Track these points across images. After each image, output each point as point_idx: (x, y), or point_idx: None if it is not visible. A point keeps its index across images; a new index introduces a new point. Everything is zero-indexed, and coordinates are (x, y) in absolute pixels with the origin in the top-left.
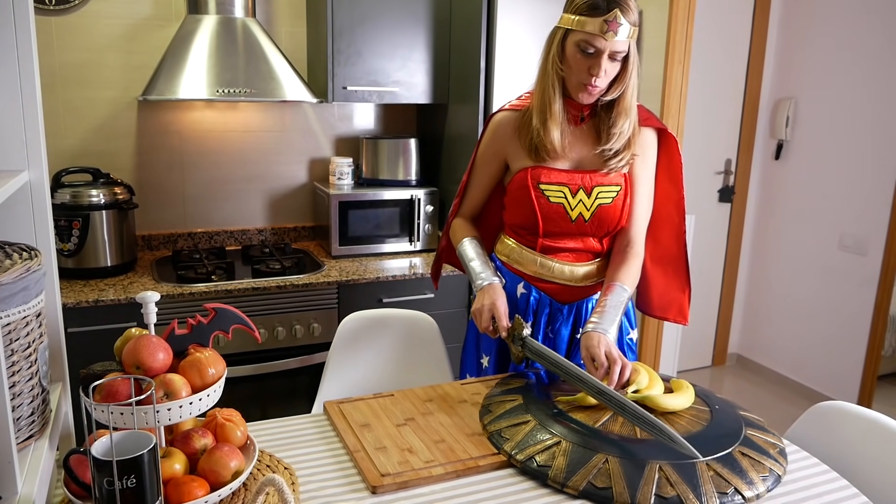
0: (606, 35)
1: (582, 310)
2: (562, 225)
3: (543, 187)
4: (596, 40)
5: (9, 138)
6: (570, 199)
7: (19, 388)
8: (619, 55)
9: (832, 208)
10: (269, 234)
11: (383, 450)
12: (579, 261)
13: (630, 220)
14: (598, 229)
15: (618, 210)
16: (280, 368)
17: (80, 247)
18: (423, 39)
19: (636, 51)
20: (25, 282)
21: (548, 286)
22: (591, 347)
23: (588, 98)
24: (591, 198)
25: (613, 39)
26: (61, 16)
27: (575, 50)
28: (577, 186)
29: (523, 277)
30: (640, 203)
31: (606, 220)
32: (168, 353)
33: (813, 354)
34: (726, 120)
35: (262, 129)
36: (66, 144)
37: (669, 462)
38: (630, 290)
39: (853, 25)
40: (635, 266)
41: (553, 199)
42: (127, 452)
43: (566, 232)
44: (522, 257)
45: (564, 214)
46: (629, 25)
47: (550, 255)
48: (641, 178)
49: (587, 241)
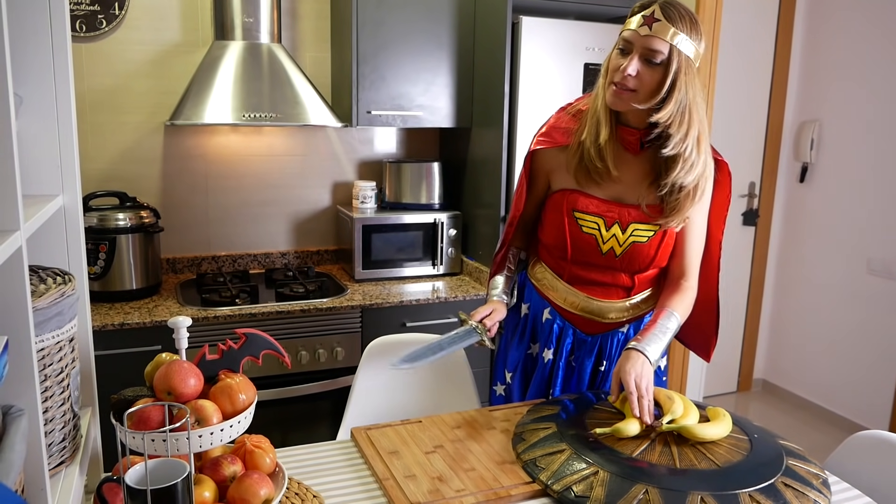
0: (640, 28)
1: (607, 343)
2: (591, 256)
3: (578, 215)
4: (629, 34)
5: (44, 162)
6: (604, 233)
7: (51, 413)
8: (656, 57)
9: (859, 231)
10: (292, 257)
11: (413, 478)
12: (608, 297)
13: (682, 256)
14: (629, 266)
15: (652, 249)
16: (303, 393)
17: (106, 270)
18: (447, 63)
19: (692, 81)
20: (60, 307)
21: (574, 317)
22: (623, 372)
23: (615, 101)
24: (625, 234)
25: (647, 33)
26: (91, 42)
27: (616, 52)
28: (613, 220)
29: (551, 304)
30: (692, 238)
31: (638, 258)
32: (199, 379)
33: (841, 380)
34: (750, 142)
35: (286, 153)
36: (94, 168)
37: (711, 493)
38: (680, 319)
39: (877, 47)
40: (688, 298)
41: (586, 229)
42: (160, 480)
43: (595, 263)
44: (553, 286)
45: (595, 246)
46: (670, 27)
47: (579, 287)
48: (695, 214)
49: (617, 276)
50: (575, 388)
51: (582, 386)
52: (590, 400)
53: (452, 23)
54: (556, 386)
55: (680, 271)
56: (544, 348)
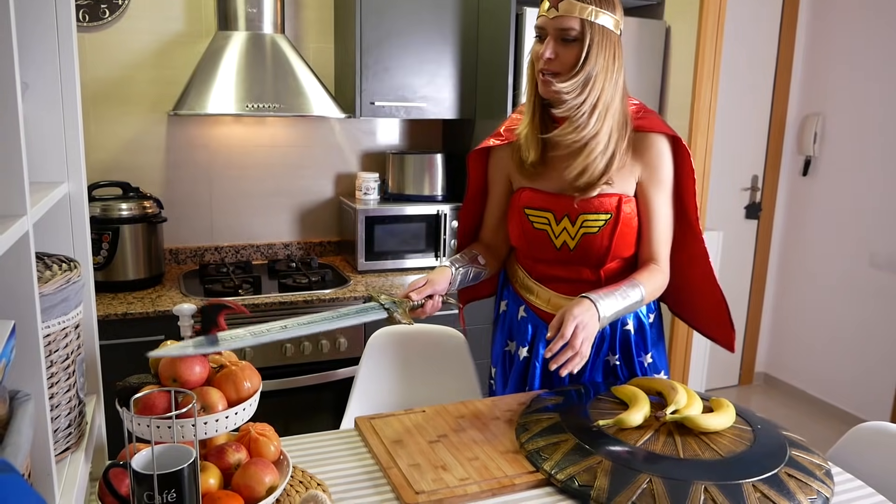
0: (549, 12)
1: None
2: (546, 252)
3: (528, 212)
4: (541, 20)
5: (50, 150)
6: (554, 227)
7: (57, 399)
8: (569, 33)
9: (862, 225)
10: (295, 248)
11: (417, 467)
12: (576, 293)
13: (649, 241)
14: (586, 259)
15: (605, 240)
16: (305, 384)
17: (110, 260)
18: (451, 55)
19: (606, 51)
20: (66, 293)
21: (548, 315)
22: (570, 314)
23: (545, 91)
24: (575, 226)
25: (555, 15)
26: (94, 32)
27: (535, 42)
28: (563, 213)
29: (525, 302)
30: (657, 223)
31: (592, 249)
32: (204, 367)
33: (842, 374)
34: (753, 135)
35: (290, 143)
36: (97, 158)
37: (715, 483)
38: (644, 294)
39: (880, 41)
40: (658, 278)
41: (537, 225)
42: (166, 466)
43: (552, 259)
44: (526, 284)
45: (548, 242)
46: (577, 3)
47: (547, 285)
48: (654, 197)
49: (580, 271)
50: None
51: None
52: (593, 390)
53: (456, 14)
54: (535, 386)
55: (648, 256)
56: (520, 346)
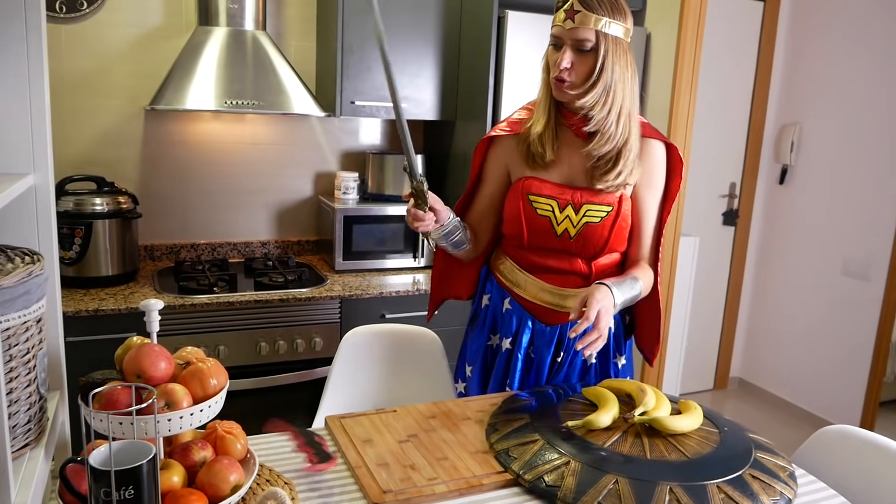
0: (565, 23)
1: (566, 333)
2: (546, 239)
3: (532, 198)
4: (557, 30)
5: (15, 141)
6: (558, 214)
7: (16, 394)
8: (585, 44)
9: (836, 233)
10: (272, 246)
11: (385, 466)
12: (566, 285)
13: (639, 240)
14: (584, 249)
15: (605, 230)
16: (280, 383)
17: (82, 255)
18: (432, 56)
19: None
20: (27, 286)
21: (533, 306)
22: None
23: (560, 94)
24: (578, 214)
25: (571, 27)
26: (71, 24)
27: (550, 49)
28: (567, 202)
29: (511, 294)
30: (648, 223)
31: (592, 239)
32: (170, 363)
33: (815, 379)
34: (731, 143)
35: (269, 141)
36: (71, 152)
37: (680, 484)
38: (642, 288)
39: (858, 52)
40: (651, 277)
41: (540, 211)
42: (126, 463)
43: (551, 247)
44: (514, 276)
45: (550, 228)
46: (592, 15)
47: (537, 275)
48: (648, 200)
49: (574, 262)
50: (533, 379)
51: (541, 378)
52: (564, 392)
53: (439, 16)
54: (515, 377)
55: (638, 255)
56: (503, 338)
